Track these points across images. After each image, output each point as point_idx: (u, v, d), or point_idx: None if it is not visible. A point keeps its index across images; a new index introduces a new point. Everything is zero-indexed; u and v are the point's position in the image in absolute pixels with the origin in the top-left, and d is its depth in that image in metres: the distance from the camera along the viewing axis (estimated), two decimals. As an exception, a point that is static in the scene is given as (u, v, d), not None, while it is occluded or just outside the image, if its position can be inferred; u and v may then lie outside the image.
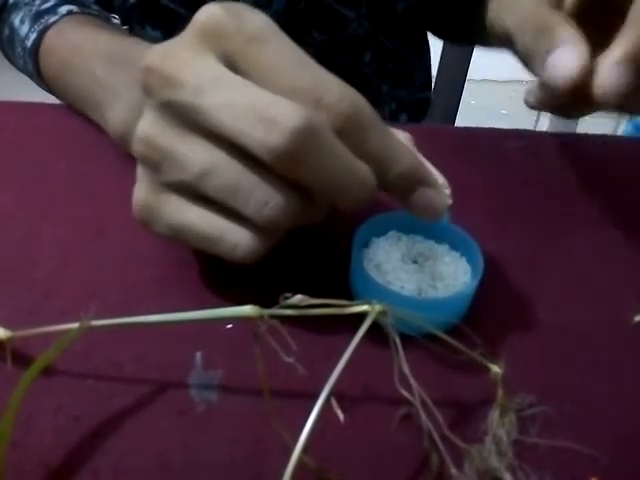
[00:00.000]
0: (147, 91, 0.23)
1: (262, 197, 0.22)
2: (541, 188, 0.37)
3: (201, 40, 0.22)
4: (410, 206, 0.25)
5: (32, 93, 0.46)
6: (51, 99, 0.42)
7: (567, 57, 0.26)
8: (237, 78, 0.22)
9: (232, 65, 0.22)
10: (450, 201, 0.28)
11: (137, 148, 0.24)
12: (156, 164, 0.23)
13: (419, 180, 0.24)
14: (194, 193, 0.23)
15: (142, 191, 0.24)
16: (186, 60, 0.22)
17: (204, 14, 0.23)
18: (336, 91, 0.22)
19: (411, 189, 0.24)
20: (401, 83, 0.61)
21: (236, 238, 0.23)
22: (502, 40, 0.33)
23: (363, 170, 0.23)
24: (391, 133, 0.24)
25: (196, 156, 0.22)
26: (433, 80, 0.69)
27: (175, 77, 0.22)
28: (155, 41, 0.57)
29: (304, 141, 0.21)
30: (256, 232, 0.23)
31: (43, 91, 0.44)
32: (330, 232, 0.32)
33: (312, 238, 0.32)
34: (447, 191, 0.28)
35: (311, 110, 0.21)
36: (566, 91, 0.26)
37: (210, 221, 0.23)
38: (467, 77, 0.84)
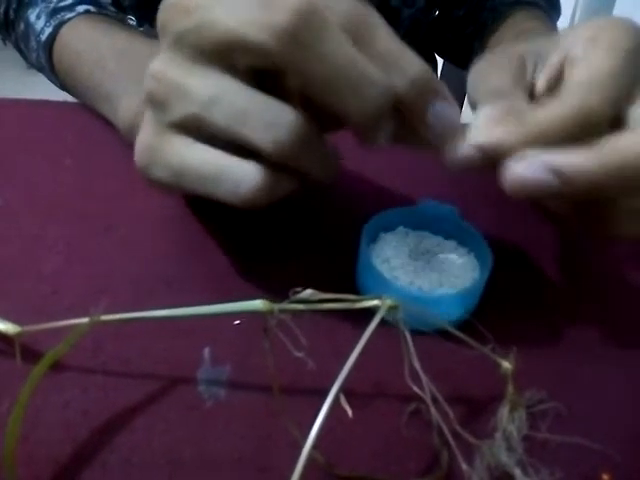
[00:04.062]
0: (164, 29, 0.23)
1: (269, 119, 0.21)
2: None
3: None
4: (428, 122, 0.23)
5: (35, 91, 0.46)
6: (54, 96, 0.42)
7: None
8: None
9: None
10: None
11: (147, 85, 0.23)
12: (164, 99, 0.23)
13: (435, 89, 0.22)
14: (199, 131, 0.23)
15: (146, 133, 0.24)
16: None
17: None
18: None
19: (427, 99, 0.22)
20: None
21: (239, 174, 0.22)
22: (472, 107, 0.32)
23: (373, 69, 0.21)
24: (400, 40, 0.22)
25: (204, 85, 0.22)
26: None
27: (190, 5, 0.22)
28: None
29: (306, 21, 0.20)
30: (261, 166, 0.22)
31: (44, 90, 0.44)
32: (338, 227, 0.32)
33: (320, 233, 0.32)
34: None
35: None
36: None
37: (212, 157, 0.23)
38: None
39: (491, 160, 0.23)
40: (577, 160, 0.22)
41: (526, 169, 0.22)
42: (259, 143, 0.22)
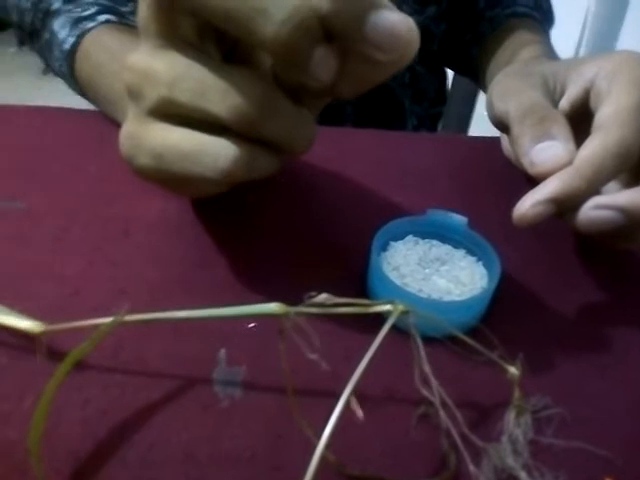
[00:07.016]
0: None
1: (225, 87, 0.22)
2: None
3: None
4: (368, 38, 0.20)
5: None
6: (69, 101, 0.43)
7: (555, 151, 0.28)
8: None
9: None
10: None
11: (124, 78, 0.25)
12: (138, 88, 0.24)
13: (370, 2, 0.20)
14: (173, 114, 0.24)
15: (128, 124, 0.25)
16: None
17: None
18: None
19: (359, 11, 0.19)
20: (417, 100, 0.62)
21: (217, 147, 0.23)
22: (497, 118, 0.34)
23: None
24: None
25: (168, 67, 0.23)
26: (447, 91, 0.70)
27: None
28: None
29: None
30: (236, 139, 0.23)
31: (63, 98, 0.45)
32: (349, 235, 0.33)
33: (331, 241, 0.32)
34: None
35: None
36: (537, 178, 0.28)
37: (192, 137, 0.23)
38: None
39: (562, 207, 0.27)
40: (636, 197, 0.26)
41: (598, 211, 0.26)
42: (218, 112, 0.22)
